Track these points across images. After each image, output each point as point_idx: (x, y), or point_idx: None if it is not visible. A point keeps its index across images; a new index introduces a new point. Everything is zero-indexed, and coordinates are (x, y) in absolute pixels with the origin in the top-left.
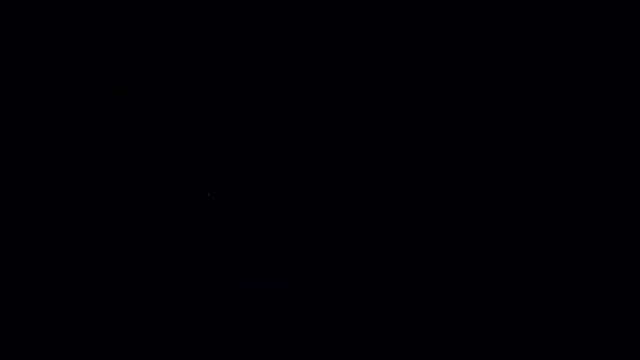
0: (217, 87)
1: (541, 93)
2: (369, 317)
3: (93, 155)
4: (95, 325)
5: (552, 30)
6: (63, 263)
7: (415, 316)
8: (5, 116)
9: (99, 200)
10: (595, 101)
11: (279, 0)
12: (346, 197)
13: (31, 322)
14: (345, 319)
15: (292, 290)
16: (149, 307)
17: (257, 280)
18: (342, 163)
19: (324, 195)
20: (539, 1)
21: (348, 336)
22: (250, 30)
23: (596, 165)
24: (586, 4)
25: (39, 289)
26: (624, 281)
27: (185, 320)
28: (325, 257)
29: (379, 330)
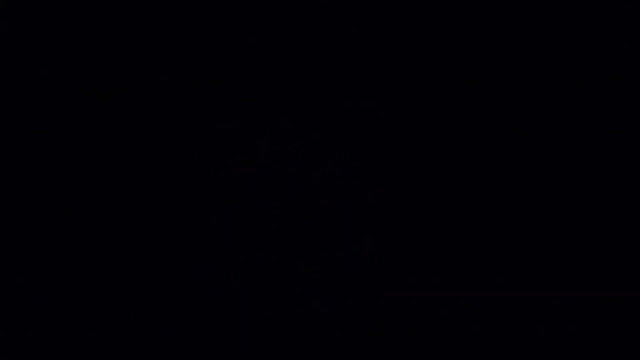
0: (217, 87)
1: (541, 93)
2: (369, 317)
3: (93, 155)
4: (95, 325)
5: (552, 30)
6: (63, 263)
7: (415, 316)
8: (5, 116)
9: (99, 200)
10: (595, 101)
11: (279, 0)
12: (346, 197)
13: (31, 322)
14: (345, 319)
15: (292, 290)
16: (149, 307)
17: (257, 280)
18: (342, 163)
19: (324, 195)
20: (539, 1)
21: (348, 336)
22: (250, 30)
23: (596, 165)
24: (586, 4)
25: (39, 289)
26: (624, 281)
27: (185, 320)
28: (325, 257)
29: (379, 330)
